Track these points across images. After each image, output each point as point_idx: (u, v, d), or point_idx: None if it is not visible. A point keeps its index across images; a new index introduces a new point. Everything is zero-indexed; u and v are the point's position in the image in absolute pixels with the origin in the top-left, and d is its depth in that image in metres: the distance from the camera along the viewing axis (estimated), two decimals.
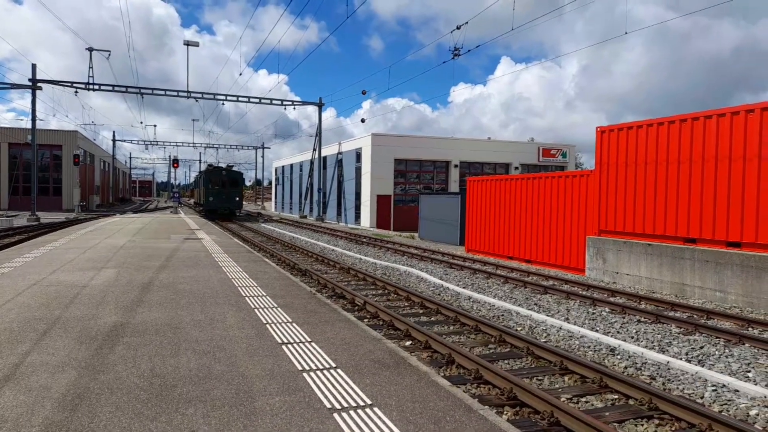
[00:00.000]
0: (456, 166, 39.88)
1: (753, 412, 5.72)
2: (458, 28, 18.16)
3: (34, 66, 33.39)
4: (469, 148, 40.54)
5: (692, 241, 12.62)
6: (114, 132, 74.82)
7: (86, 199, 52.01)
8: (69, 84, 34.95)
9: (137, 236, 18.65)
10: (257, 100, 40.20)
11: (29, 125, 35.28)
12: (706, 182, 12.26)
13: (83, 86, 34.74)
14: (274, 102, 40.53)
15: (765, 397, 6.06)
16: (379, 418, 4.02)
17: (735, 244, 11.67)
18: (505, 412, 5.52)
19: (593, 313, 10.46)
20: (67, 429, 3.71)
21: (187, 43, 36.22)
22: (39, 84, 33.65)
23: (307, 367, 5.11)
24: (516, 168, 41.53)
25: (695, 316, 10.27)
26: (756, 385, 6.49)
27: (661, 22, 23.82)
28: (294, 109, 42.47)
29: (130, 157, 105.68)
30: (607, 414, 5.52)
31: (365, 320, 9.18)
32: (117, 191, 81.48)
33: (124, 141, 76.77)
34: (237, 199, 43.36)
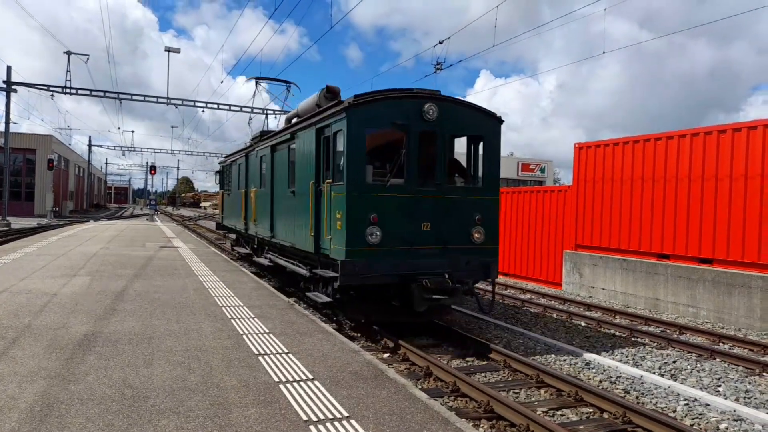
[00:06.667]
0: None
1: (723, 426, 5.82)
2: (441, 42, 18.35)
3: (9, 68, 32.77)
4: None
5: (666, 257, 12.86)
6: (90, 137, 73.67)
7: (59, 205, 50.94)
8: (45, 87, 34.35)
9: (111, 244, 18.30)
10: (238, 108, 39.95)
11: (1, 128, 34.51)
12: (680, 200, 12.54)
13: (60, 90, 34.18)
14: (255, 110, 40.31)
15: (734, 411, 6.17)
16: (356, 430, 4.00)
17: (707, 260, 11.93)
18: (481, 425, 5.53)
19: (569, 327, 10.57)
20: None
21: (168, 50, 35.95)
22: (14, 86, 33.00)
23: (284, 379, 5.05)
24: None
25: (668, 331, 10.45)
26: (726, 399, 6.62)
27: (639, 43, 24.50)
28: (275, 117, 41.98)
29: (106, 163, 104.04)
30: (581, 427, 5.56)
31: (343, 332, 9.12)
32: (92, 197, 79.98)
33: (100, 146, 75.55)
34: (477, 232, 8.65)
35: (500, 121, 9.05)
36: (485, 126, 8.94)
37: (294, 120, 11.91)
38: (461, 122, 8.76)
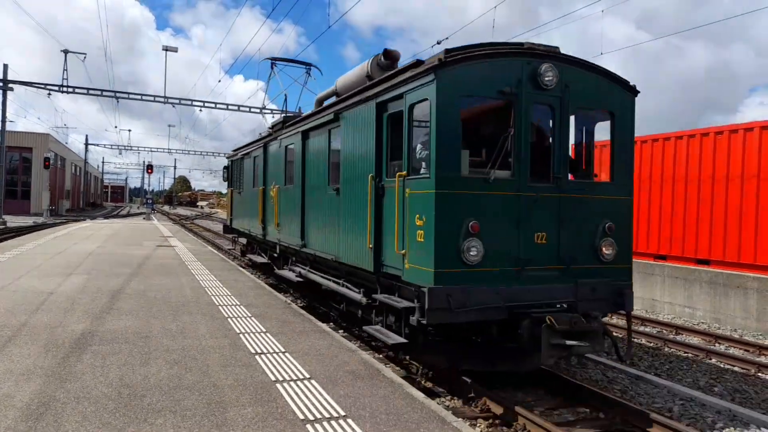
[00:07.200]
0: None
1: (719, 426, 5.84)
2: (439, 42, 18.35)
3: (5, 66, 32.68)
4: None
5: (663, 258, 12.90)
6: (87, 136, 73.46)
7: (56, 204, 50.79)
8: (42, 86, 34.24)
9: (108, 242, 18.26)
10: (236, 108, 39.86)
11: None
12: (677, 201, 12.59)
13: (57, 88, 34.06)
14: (252, 110, 40.25)
15: (730, 410, 6.20)
16: (353, 429, 3.99)
17: (704, 261, 11.98)
18: (478, 425, 5.53)
19: None
20: None
21: (166, 49, 35.88)
22: (10, 85, 32.90)
23: (281, 378, 5.05)
24: None
25: (665, 332, 10.47)
26: (722, 399, 6.64)
27: (637, 44, 24.61)
28: (273, 117, 41.71)
29: (103, 162, 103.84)
30: (578, 427, 5.57)
31: (340, 331, 9.12)
32: (88, 196, 79.74)
33: (97, 145, 75.46)
34: (607, 246, 6.38)
35: (635, 92, 6.74)
36: (616, 99, 6.62)
37: (331, 99, 9.83)
38: (587, 92, 6.38)
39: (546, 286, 5.98)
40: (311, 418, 4.16)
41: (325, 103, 10.03)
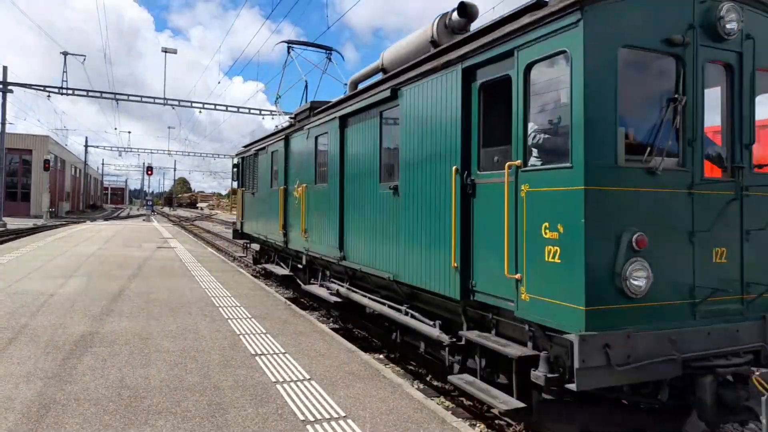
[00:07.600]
0: None
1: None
2: None
3: (5, 68, 32.70)
4: None
5: None
6: (86, 138, 73.41)
7: (56, 206, 50.81)
8: (42, 88, 34.26)
9: (108, 244, 18.28)
10: (235, 109, 39.85)
11: None
12: None
13: (56, 90, 34.09)
14: (252, 111, 40.26)
15: None
16: (353, 430, 4.01)
17: None
18: (478, 425, 5.55)
19: None
20: None
21: (165, 50, 35.91)
22: (10, 87, 32.93)
23: (281, 379, 5.06)
24: None
25: None
26: None
27: None
28: (273, 119, 41.55)
29: (103, 164, 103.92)
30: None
31: (340, 332, 9.13)
32: (88, 198, 79.79)
33: (97, 147, 75.58)
34: None
35: None
36: None
37: (373, 79, 8.38)
38: None
39: (727, 326, 4.26)
40: (311, 418, 4.17)
41: (360, 86, 8.72)
